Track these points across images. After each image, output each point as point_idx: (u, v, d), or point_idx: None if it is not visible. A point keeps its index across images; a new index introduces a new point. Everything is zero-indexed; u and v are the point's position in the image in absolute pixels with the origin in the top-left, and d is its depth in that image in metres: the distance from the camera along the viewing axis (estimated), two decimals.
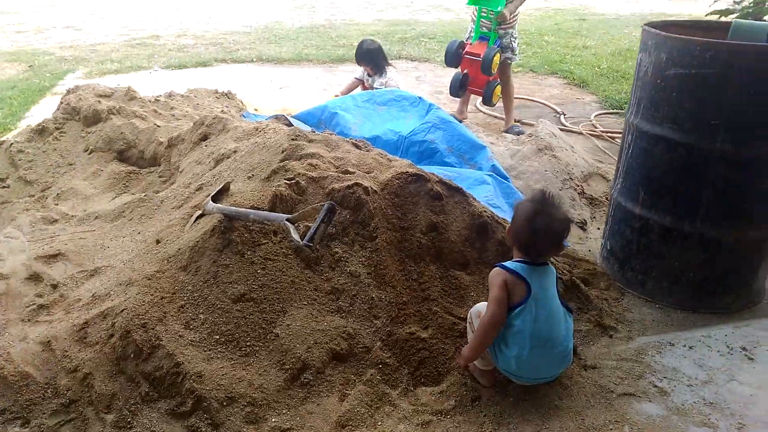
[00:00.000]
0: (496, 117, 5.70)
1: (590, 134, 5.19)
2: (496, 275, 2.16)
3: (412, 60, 8.14)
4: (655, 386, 2.30)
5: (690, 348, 2.52)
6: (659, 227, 2.82)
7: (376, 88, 5.17)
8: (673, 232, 2.78)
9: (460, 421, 2.12)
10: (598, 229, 3.54)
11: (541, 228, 2.14)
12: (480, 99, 5.53)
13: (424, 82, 7.01)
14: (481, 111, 5.89)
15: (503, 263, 2.19)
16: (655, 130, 2.74)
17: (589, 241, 3.46)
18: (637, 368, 2.39)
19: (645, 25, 2.81)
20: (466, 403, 2.19)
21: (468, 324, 2.29)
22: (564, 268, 2.84)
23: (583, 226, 3.60)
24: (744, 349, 2.52)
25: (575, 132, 5.24)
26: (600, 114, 5.82)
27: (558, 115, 5.72)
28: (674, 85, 2.62)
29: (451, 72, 5.21)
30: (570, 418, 2.13)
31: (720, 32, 2.94)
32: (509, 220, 2.50)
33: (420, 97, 4.31)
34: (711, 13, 5.23)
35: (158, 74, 7.21)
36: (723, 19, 5.03)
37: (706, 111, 2.57)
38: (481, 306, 2.25)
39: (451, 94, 5.20)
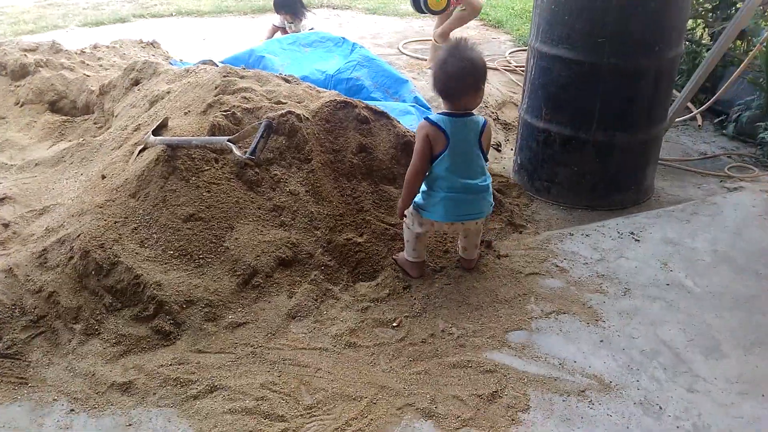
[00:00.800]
0: (418, 59, 5.97)
1: (505, 69, 5.55)
2: (420, 128, 2.39)
3: (334, 8, 8.25)
4: (557, 266, 2.70)
5: (587, 236, 2.93)
6: (560, 138, 3.20)
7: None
8: (572, 141, 3.17)
9: (394, 305, 2.45)
10: (511, 149, 3.91)
11: (455, 70, 2.27)
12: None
13: (347, 29, 7.18)
14: (404, 53, 6.14)
15: (428, 116, 2.46)
16: (551, 51, 3.09)
17: (503, 160, 3.83)
18: (541, 254, 2.78)
19: None
20: (398, 291, 2.52)
21: (404, 223, 2.58)
22: None
23: (498, 147, 3.97)
24: (632, 233, 2.96)
25: (491, 68, 5.58)
26: (514, 51, 6.18)
27: None
28: (566, 8, 2.96)
29: (368, 20, 5.38)
30: (486, 295, 2.50)
31: None
32: None
33: (344, 38, 4.52)
34: None
35: (75, 32, 7.05)
36: None
37: (594, 30, 2.93)
38: (408, 210, 2.57)
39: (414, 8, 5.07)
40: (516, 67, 5.58)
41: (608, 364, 2.18)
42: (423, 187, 2.46)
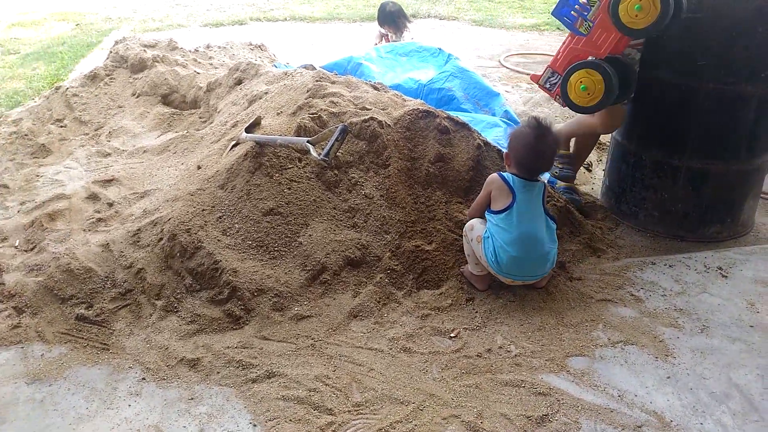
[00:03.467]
0: (519, 72, 5.90)
1: None
2: (489, 180, 2.59)
3: (440, 19, 8.33)
4: (632, 295, 2.60)
5: (670, 266, 2.79)
6: (651, 162, 3.07)
7: None
8: (664, 166, 3.03)
9: (455, 315, 2.46)
10: (602, 170, 3.79)
11: (537, 150, 2.50)
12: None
13: (451, 40, 7.22)
14: (504, 66, 6.09)
15: (501, 172, 2.54)
16: (649, 73, 2.97)
17: (593, 180, 3.72)
18: (617, 281, 2.68)
19: None
20: (461, 302, 2.53)
21: (463, 236, 2.62)
22: (561, 198, 3.12)
23: (588, 167, 3.86)
24: (720, 268, 2.78)
25: None
26: None
27: None
28: (666, 30, 2.84)
29: (474, 32, 5.38)
30: (551, 316, 2.45)
31: None
32: None
33: (440, 48, 4.57)
34: None
35: (197, 31, 7.58)
36: None
37: (694, 52, 2.79)
38: (474, 222, 2.59)
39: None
40: None
41: (672, 403, 2.07)
42: (488, 233, 2.51)
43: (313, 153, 2.56)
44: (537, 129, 2.54)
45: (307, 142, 2.60)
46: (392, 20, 5.75)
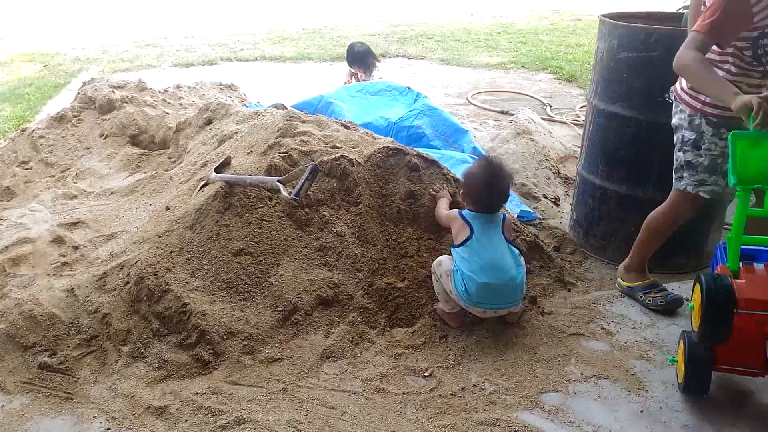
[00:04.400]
0: (486, 109, 6.02)
1: (573, 123, 5.51)
2: (451, 216, 2.69)
3: (409, 58, 8.49)
4: (603, 329, 2.61)
5: None
6: (616, 196, 3.13)
7: None
8: (629, 200, 3.09)
9: (428, 354, 2.44)
10: (570, 204, 3.85)
11: (490, 187, 2.59)
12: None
13: (420, 78, 7.35)
14: (472, 103, 6.21)
15: (460, 210, 2.65)
16: (609, 108, 3.06)
17: (561, 214, 3.77)
18: (588, 314, 2.70)
19: (601, 15, 3.14)
20: (434, 340, 2.51)
21: (432, 273, 2.63)
22: (531, 232, 3.16)
23: (556, 202, 3.92)
24: (688, 300, 2.82)
25: (559, 121, 5.56)
26: (584, 105, 6.13)
27: (544, 107, 6.04)
28: (624, 67, 2.94)
29: (442, 71, 5.48)
30: (524, 352, 2.45)
31: (673, 22, 3.26)
32: None
33: (409, 87, 4.65)
34: (681, 8, 5.52)
35: (167, 71, 7.59)
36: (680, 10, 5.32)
37: (652, 89, 2.89)
38: (442, 258, 2.60)
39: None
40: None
41: None
42: (456, 267, 2.53)
43: (284, 192, 2.55)
44: (488, 168, 2.64)
45: (278, 181, 2.59)
46: (361, 60, 5.86)
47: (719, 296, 2.00)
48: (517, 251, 2.58)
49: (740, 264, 2.14)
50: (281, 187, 2.57)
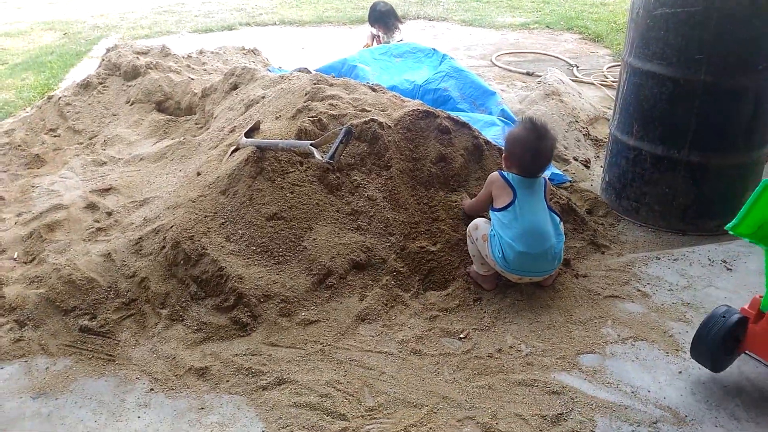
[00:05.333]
0: (510, 71, 5.91)
1: (601, 84, 5.39)
2: (489, 179, 2.60)
3: (430, 20, 8.32)
4: (639, 290, 2.60)
5: (674, 260, 2.80)
6: (651, 156, 3.07)
7: None
8: (664, 161, 3.04)
9: (463, 316, 2.45)
10: (601, 167, 3.79)
11: (535, 150, 2.49)
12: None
13: (442, 40, 7.22)
14: (496, 65, 6.10)
15: (502, 171, 2.54)
16: (645, 67, 2.98)
17: (592, 177, 3.72)
18: (623, 276, 2.68)
19: None
20: (468, 302, 2.51)
21: (467, 237, 2.61)
22: (563, 195, 3.12)
23: (586, 164, 3.86)
24: (724, 261, 2.79)
25: (587, 82, 5.44)
26: (612, 66, 5.99)
27: (571, 68, 5.91)
28: (662, 23, 2.85)
29: (463, 32, 5.35)
30: (559, 314, 2.45)
31: None
32: None
33: (434, 49, 4.56)
34: None
35: (186, 38, 7.53)
36: None
37: (690, 46, 2.80)
38: (478, 221, 2.58)
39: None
40: (613, 82, 5.40)
41: (685, 398, 2.07)
42: (493, 231, 2.50)
43: (317, 155, 2.54)
44: (533, 130, 2.55)
45: (311, 145, 2.58)
46: (383, 20, 5.74)
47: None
48: (557, 218, 2.55)
49: None
50: (315, 150, 2.55)
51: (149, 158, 3.64)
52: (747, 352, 2.10)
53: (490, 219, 2.56)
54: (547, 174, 3.46)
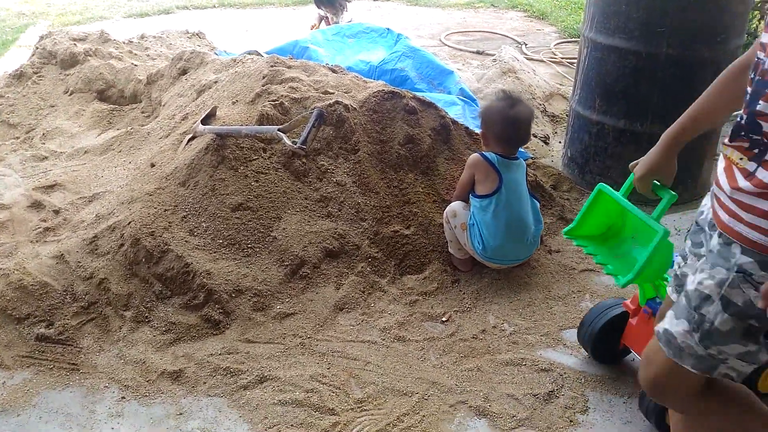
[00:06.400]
0: (461, 50, 5.88)
1: (551, 61, 5.43)
2: (470, 162, 2.48)
3: None
4: None
5: None
6: (614, 130, 3.10)
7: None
8: (626, 134, 3.06)
9: (443, 299, 2.40)
10: (560, 143, 3.81)
11: (514, 120, 2.45)
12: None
13: (388, 20, 7.12)
14: (446, 44, 6.05)
15: (483, 152, 2.47)
16: (607, 41, 2.98)
17: (552, 153, 3.73)
18: None
19: None
20: (447, 285, 2.47)
21: (444, 222, 2.56)
22: (529, 173, 3.10)
23: (545, 140, 3.87)
24: (689, 230, 2.83)
25: (536, 60, 5.47)
26: (559, 43, 6.05)
27: (519, 46, 5.93)
28: None
29: (410, 12, 5.27)
30: (538, 291, 2.43)
31: None
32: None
33: (388, 28, 4.47)
34: None
35: (121, 23, 7.16)
36: None
37: (652, 19, 2.81)
38: (455, 207, 2.52)
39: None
40: (563, 58, 5.45)
41: None
42: (473, 219, 2.44)
43: (287, 142, 2.42)
44: (509, 100, 2.51)
45: (278, 130, 2.45)
46: (330, 1, 5.59)
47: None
48: (537, 203, 2.52)
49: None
50: (283, 136, 2.43)
51: (94, 151, 3.41)
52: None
53: (468, 203, 2.50)
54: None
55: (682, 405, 1.40)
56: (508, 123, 2.43)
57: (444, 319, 2.30)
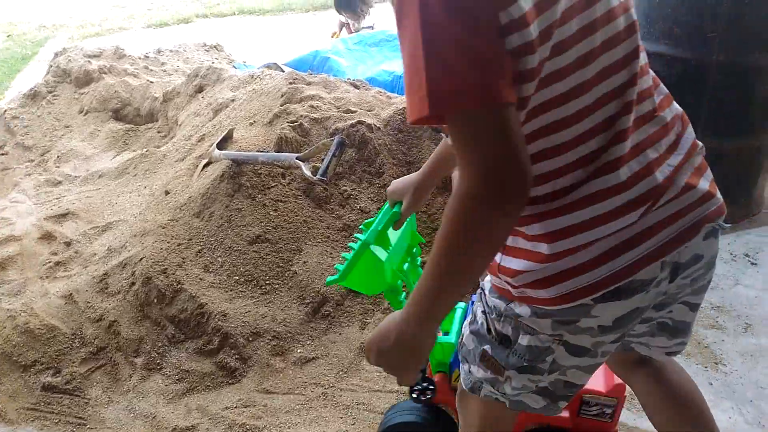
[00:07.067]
0: None
1: None
2: None
3: None
4: None
5: None
6: None
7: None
8: None
9: None
10: None
11: None
12: None
13: None
14: None
15: None
16: (651, 48, 2.73)
17: None
18: None
19: None
20: None
21: None
22: None
23: None
24: (747, 255, 2.59)
25: None
26: None
27: None
28: (669, 0, 2.61)
29: None
30: None
31: None
32: None
33: None
34: None
35: (140, 34, 7.08)
36: None
37: (702, 23, 2.57)
38: None
39: None
40: None
41: (734, 419, 1.86)
42: None
43: (306, 172, 2.25)
44: None
45: (297, 158, 2.28)
46: (350, 6, 5.38)
47: None
48: None
49: None
50: (302, 165, 2.26)
51: (109, 174, 3.28)
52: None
53: None
54: None
55: None
56: None
57: None
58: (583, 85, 0.91)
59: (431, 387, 1.52)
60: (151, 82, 3.86)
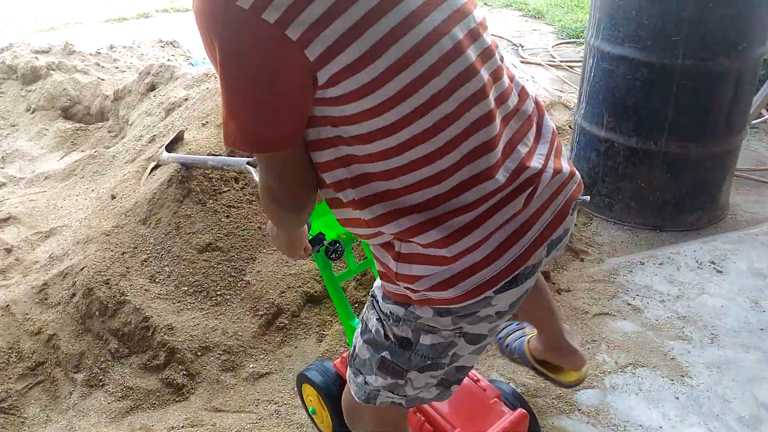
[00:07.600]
0: None
1: (549, 65, 5.14)
2: None
3: None
4: (629, 304, 2.33)
5: (660, 265, 2.55)
6: (624, 149, 2.81)
7: None
8: (639, 153, 2.78)
9: None
10: None
11: None
12: None
13: None
14: None
15: None
16: (616, 51, 2.69)
17: None
18: (609, 288, 2.41)
19: None
20: None
21: None
22: None
23: None
24: (713, 263, 2.56)
25: (534, 63, 5.18)
26: (558, 44, 5.76)
27: (516, 48, 5.64)
28: (633, 2, 2.57)
29: None
30: None
31: None
32: None
33: None
34: None
35: (98, 28, 6.83)
36: None
37: (667, 27, 2.53)
38: None
39: None
40: (562, 62, 5.16)
41: None
42: None
43: (257, 177, 2.13)
44: None
45: (247, 163, 2.16)
46: None
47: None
48: None
49: None
50: (253, 170, 2.14)
51: (56, 176, 3.12)
52: None
53: None
54: None
55: None
56: None
57: None
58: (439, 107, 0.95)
59: (336, 245, 1.55)
60: (102, 79, 3.69)
